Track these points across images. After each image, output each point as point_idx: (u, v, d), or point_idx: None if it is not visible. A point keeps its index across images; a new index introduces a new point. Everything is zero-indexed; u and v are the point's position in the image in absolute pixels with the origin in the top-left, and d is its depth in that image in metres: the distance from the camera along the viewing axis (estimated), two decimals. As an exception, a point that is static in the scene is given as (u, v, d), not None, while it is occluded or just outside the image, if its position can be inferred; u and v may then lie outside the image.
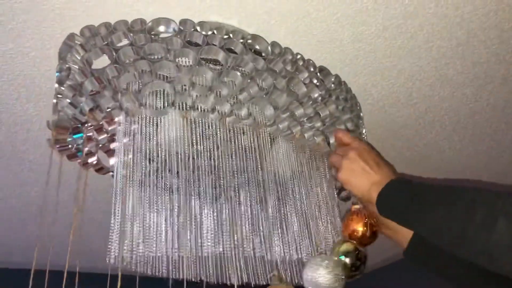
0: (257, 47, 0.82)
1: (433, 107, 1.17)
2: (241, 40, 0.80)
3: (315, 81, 0.85)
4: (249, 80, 0.76)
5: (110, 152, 0.81)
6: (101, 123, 0.77)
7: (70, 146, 0.75)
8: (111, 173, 0.84)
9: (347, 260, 0.78)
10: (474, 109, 1.19)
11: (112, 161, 0.80)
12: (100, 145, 0.80)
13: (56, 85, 0.73)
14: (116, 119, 0.74)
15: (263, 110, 0.77)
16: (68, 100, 0.68)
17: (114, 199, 0.69)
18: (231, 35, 0.79)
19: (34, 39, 0.84)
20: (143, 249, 0.72)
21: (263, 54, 0.82)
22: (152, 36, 0.75)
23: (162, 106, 0.69)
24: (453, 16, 0.90)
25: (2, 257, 1.74)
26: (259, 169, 0.77)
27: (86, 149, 0.76)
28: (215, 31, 0.78)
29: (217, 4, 0.81)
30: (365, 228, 0.80)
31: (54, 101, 0.71)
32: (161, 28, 0.76)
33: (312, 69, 0.86)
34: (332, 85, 0.88)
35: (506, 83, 1.10)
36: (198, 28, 0.77)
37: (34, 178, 1.24)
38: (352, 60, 0.98)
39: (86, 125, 0.77)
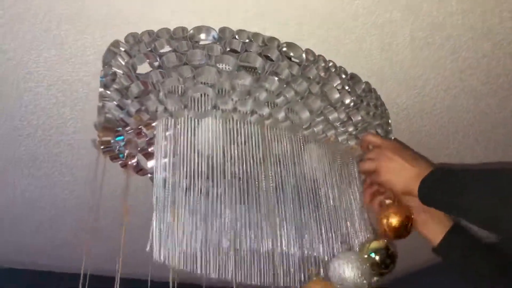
0: (292, 54, 0.85)
1: (457, 117, 1.18)
2: (277, 48, 0.83)
3: (346, 87, 0.88)
4: (285, 85, 0.79)
5: (149, 155, 0.84)
6: (140, 127, 0.80)
7: (113, 148, 0.78)
8: (149, 175, 0.87)
9: (377, 257, 0.80)
10: (498, 120, 1.20)
11: (151, 163, 0.82)
12: (139, 148, 0.82)
13: (101, 89, 0.76)
14: (154, 124, 0.77)
15: (299, 113, 0.80)
16: (115, 102, 0.71)
17: (156, 203, 0.71)
18: (267, 43, 0.82)
19: (75, 46, 0.88)
20: (179, 250, 0.74)
21: (297, 61, 0.85)
22: (193, 43, 0.78)
23: (204, 109, 0.72)
24: (480, 28, 0.92)
25: (30, 259, 1.76)
26: (294, 172, 0.79)
27: (127, 151, 0.79)
28: (252, 39, 0.81)
29: (250, 17, 0.84)
30: (401, 220, 0.81)
31: (100, 104, 0.74)
32: (202, 36, 0.79)
33: (344, 76, 0.89)
34: (363, 92, 0.91)
35: (530, 94, 1.12)
36: (237, 36, 0.80)
37: (65, 180, 1.27)
38: (379, 69, 1.00)
39: (126, 129, 0.80)
